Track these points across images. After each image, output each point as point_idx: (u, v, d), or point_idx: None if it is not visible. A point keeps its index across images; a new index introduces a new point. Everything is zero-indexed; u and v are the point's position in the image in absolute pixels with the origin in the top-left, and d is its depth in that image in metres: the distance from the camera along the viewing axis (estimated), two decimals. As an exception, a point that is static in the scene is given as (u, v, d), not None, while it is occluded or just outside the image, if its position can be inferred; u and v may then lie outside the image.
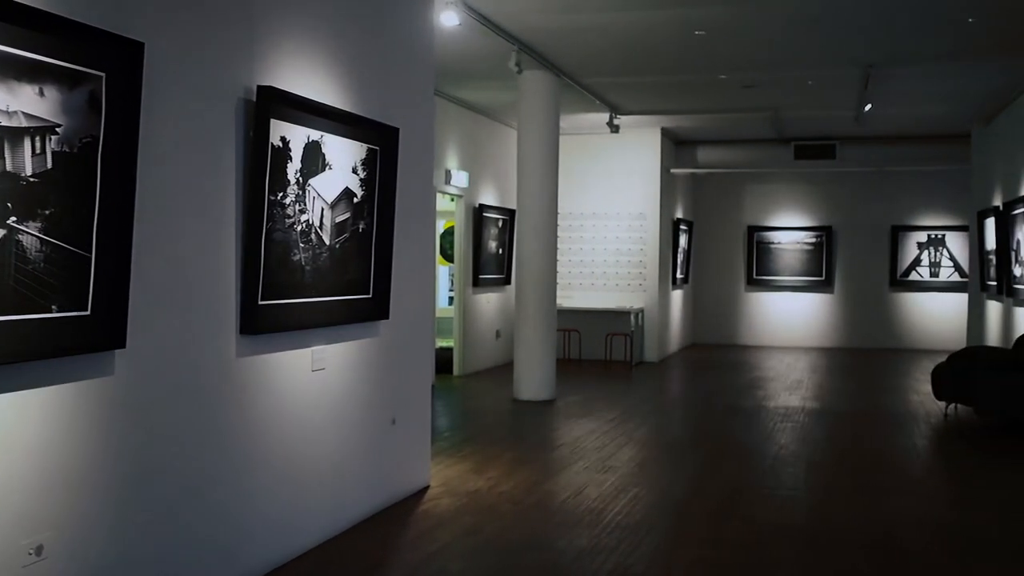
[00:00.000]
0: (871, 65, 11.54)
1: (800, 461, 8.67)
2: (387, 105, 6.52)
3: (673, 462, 8.82)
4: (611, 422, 10.50)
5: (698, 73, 12.31)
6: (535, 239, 11.96)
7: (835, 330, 19.67)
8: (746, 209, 20.04)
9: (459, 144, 14.12)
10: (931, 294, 19.28)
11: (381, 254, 6.39)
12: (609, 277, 16.97)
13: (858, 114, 13.98)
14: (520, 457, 8.66)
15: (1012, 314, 13.34)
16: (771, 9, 9.38)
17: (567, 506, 7.02)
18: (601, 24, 9.91)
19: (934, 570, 5.71)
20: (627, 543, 6.08)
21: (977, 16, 9.46)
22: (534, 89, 11.89)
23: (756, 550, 6.03)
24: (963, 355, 11.31)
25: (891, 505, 7.24)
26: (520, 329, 12.09)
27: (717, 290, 20.20)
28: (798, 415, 11.11)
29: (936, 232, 19.22)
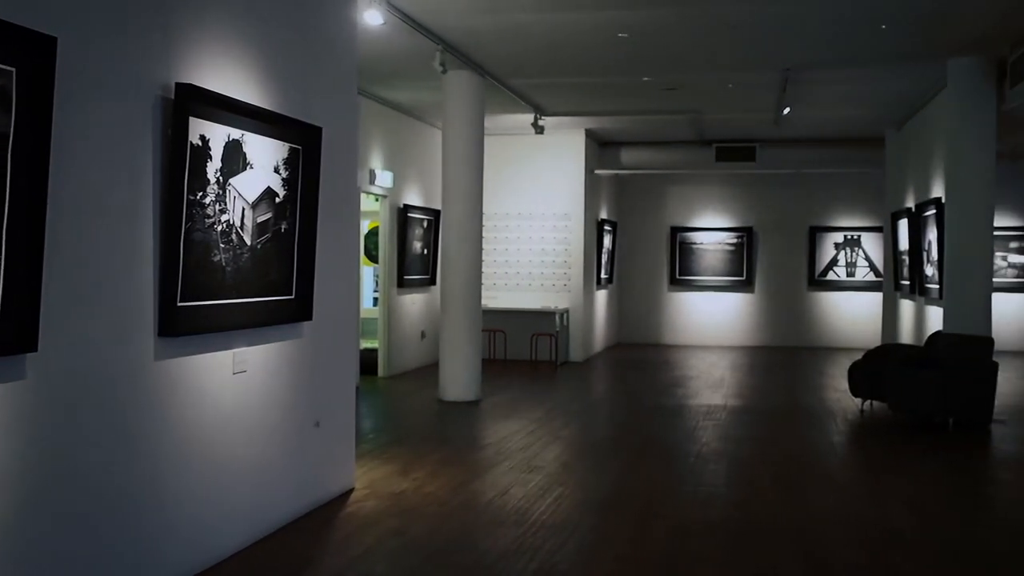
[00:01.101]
0: (789, 69, 11.76)
1: (722, 458, 8.79)
2: (310, 104, 6.45)
3: (598, 461, 8.87)
4: (536, 422, 10.54)
5: (621, 75, 12.42)
6: (460, 240, 11.94)
7: (756, 329, 20.01)
8: (669, 210, 20.28)
9: (384, 144, 14.04)
10: (848, 293, 19.73)
11: (304, 255, 6.32)
12: (534, 277, 17.03)
13: (777, 117, 14.24)
14: (445, 458, 8.64)
15: (924, 312, 13.70)
16: (692, 13, 9.50)
17: (492, 506, 7.02)
18: (525, 25, 9.94)
19: (851, 564, 5.83)
20: (552, 542, 6.10)
21: (890, 23, 9.70)
22: (459, 89, 11.88)
23: (679, 547, 6.10)
24: (877, 353, 11.59)
25: (810, 501, 7.38)
26: (445, 330, 12.06)
27: (641, 290, 20.40)
28: (720, 413, 11.27)
29: (852, 233, 19.67)
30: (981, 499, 7.77)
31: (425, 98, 13.58)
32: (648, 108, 14.88)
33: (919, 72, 11.94)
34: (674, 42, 10.66)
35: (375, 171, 13.56)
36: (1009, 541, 6.43)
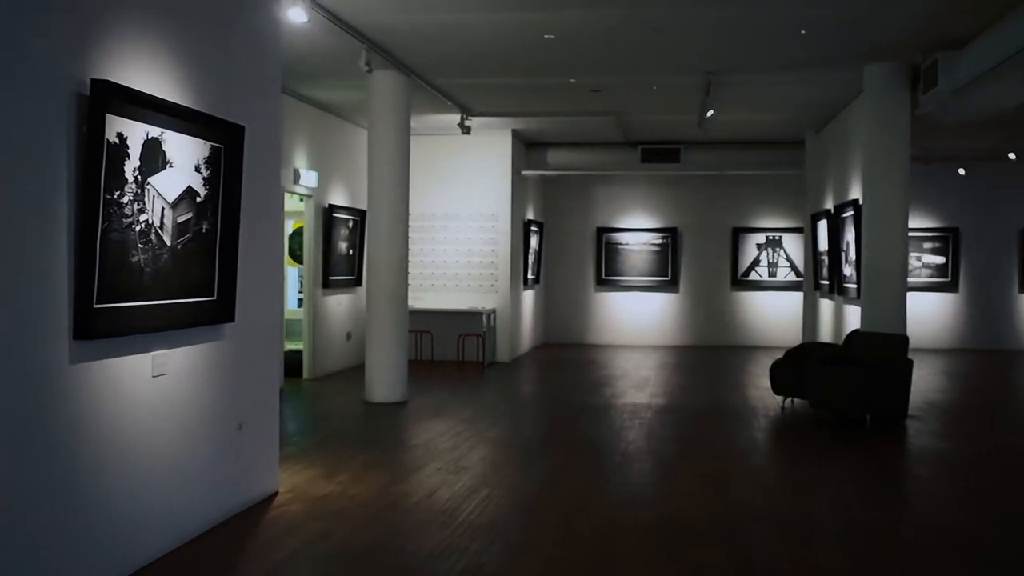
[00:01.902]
0: (712, 72, 11.93)
1: (648, 457, 8.88)
2: (232, 102, 6.36)
3: (525, 461, 8.89)
4: (464, 422, 10.52)
5: (548, 76, 12.47)
6: (386, 240, 11.88)
7: (681, 328, 20.24)
8: (595, 210, 20.42)
9: (309, 143, 13.90)
10: (769, 293, 20.07)
11: (226, 255, 6.22)
12: (461, 278, 17.01)
13: (701, 119, 14.41)
14: (372, 460, 8.58)
15: (842, 312, 13.99)
16: (617, 15, 9.58)
17: (419, 508, 6.99)
18: (451, 25, 9.92)
19: (775, 559, 5.93)
20: (479, 543, 6.09)
21: (809, 30, 9.89)
22: (385, 89, 11.81)
23: (606, 545, 6.13)
24: (798, 352, 11.80)
25: (734, 497, 7.48)
26: (371, 331, 11.98)
27: (567, 290, 20.51)
28: (645, 412, 11.37)
29: (774, 234, 20.02)
30: (899, 493, 7.96)
31: (351, 97, 13.49)
32: (574, 109, 14.96)
33: (837, 77, 12.19)
34: (599, 44, 10.73)
35: (300, 171, 13.42)
36: (926, 535, 6.59)
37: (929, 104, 10.88)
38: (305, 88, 13.14)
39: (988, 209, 19.39)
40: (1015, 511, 7.28)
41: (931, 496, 7.86)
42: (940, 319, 19.44)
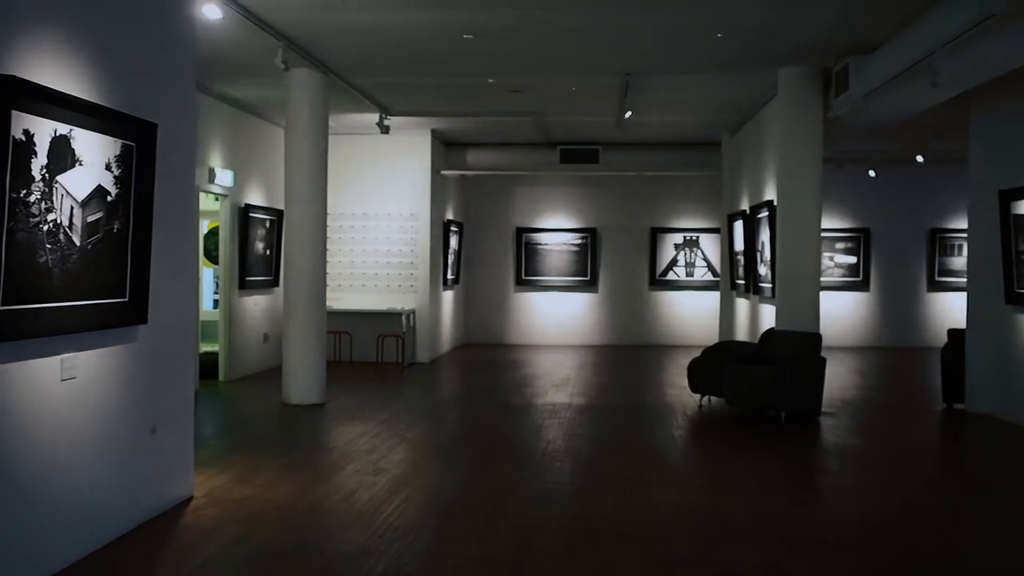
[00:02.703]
0: (629, 74, 12.04)
1: (567, 456, 8.92)
2: (144, 99, 6.22)
3: (444, 462, 8.87)
4: (383, 424, 10.46)
5: (467, 76, 12.46)
6: (304, 240, 11.76)
7: (600, 328, 20.41)
8: (515, 211, 20.48)
9: (224, 142, 13.68)
10: (687, 292, 20.34)
11: (138, 255, 6.09)
12: (380, 278, 16.91)
13: (619, 120, 14.55)
14: (289, 463, 8.48)
15: (758, 311, 14.25)
16: (535, 16, 9.61)
17: (338, 510, 6.93)
18: (369, 23, 9.85)
19: (690, 555, 6.01)
20: (398, 544, 6.06)
21: (725, 33, 10.05)
22: (302, 87, 11.69)
23: (525, 545, 6.15)
24: (715, 350, 11.97)
25: (652, 495, 7.56)
26: (289, 332, 11.85)
27: (487, 290, 20.53)
28: (565, 411, 11.43)
29: (691, 234, 20.30)
30: (811, 488, 8.13)
31: (268, 96, 13.32)
32: (494, 110, 14.97)
33: (752, 80, 12.41)
34: (518, 44, 10.76)
35: (215, 170, 13.21)
36: (836, 529, 6.75)
37: (841, 107, 11.13)
38: (221, 86, 12.93)
39: (898, 210, 19.93)
40: (922, 504, 7.49)
41: (842, 490, 8.04)
42: (852, 317, 19.92)
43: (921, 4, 8.81)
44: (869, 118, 10.92)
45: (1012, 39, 7.72)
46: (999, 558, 6.07)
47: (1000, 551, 6.22)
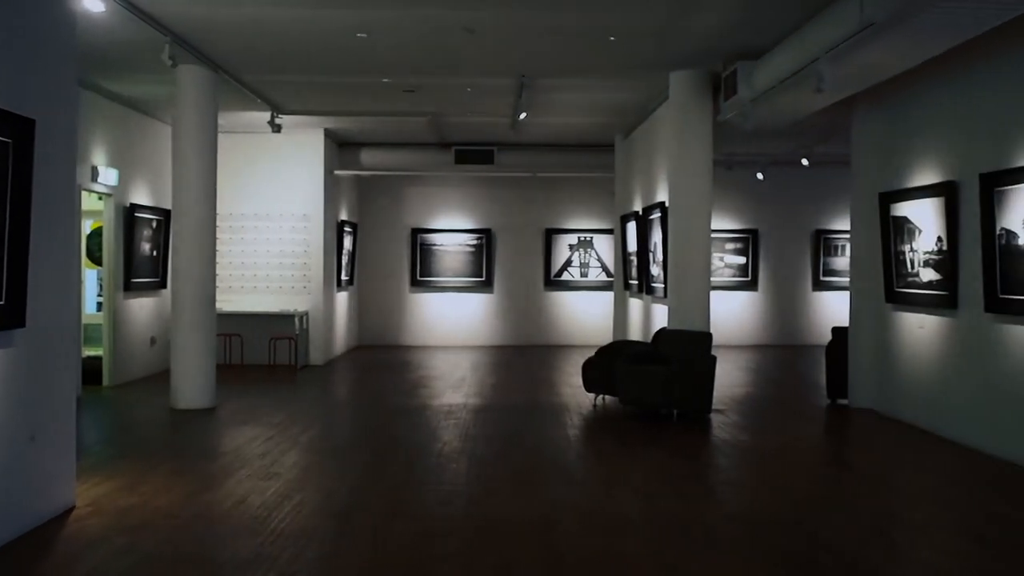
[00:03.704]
0: (524, 75, 12.09)
1: (463, 457, 8.90)
2: (20, 95, 5.99)
3: (339, 465, 8.76)
4: (275, 428, 10.29)
5: (361, 75, 12.34)
6: (193, 241, 11.49)
7: (496, 328, 20.45)
8: (409, 211, 20.39)
9: (108, 140, 13.28)
10: (581, 293, 20.53)
11: (15, 256, 5.85)
12: (272, 280, 16.64)
13: (514, 121, 14.60)
14: (178, 469, 8.27)
15: (651, 310, 14.46)
16: (429, 15, 9.56)
17: (229, 516, 6.78)
18: (260, 20, 9.67)
19: (586, 552, 6.05)
20: (291, 550, 5.96)
21: (617, 36, 10.16)
22: (190, 84, 11.43)
23: (421, 548, 6.11)
24: (609, 350, 12.11)
25: (548, 493, 7.60)
26: (177, 335, 11.57)
27: (382, 292, 20.39)
28: (461, 412, 11.41)
29: (585, 235, 20.49)
30: (702, 484, 8.27)
31: (155, 93, 12.98)
32: (388, 109, 14.88)
33: (645, 83, 12.59)
34: (413, 44, 10.70)
35: (98, 168, 12.81)
36: (725, 523, 6.87)
37: (730, 111, 11.37)
38: (106, 82, 12.55)
39: (785, 211, 20.48)
40: (807, 498, 7.69)
41: (731, 485, 8.20)
42: (741, 316, 20.38)
43: (806, 12, 9.06)
44: (757, 121, 11.17)
45: (890, 47, 7.98)
46: (879, 550, 6.27)
47: (880, 542, 6.42)
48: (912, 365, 10.75)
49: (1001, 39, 8.58)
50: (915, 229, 10.53)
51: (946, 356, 10.03)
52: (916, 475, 8.59)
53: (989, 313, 9.03)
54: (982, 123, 9.29)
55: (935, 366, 10.25)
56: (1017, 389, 8.65)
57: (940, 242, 9.98)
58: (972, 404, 9.43)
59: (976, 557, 6.11)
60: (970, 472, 8.51)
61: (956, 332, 9.80)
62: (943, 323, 10.06)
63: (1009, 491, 7.81)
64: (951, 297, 9.78)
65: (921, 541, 6.50)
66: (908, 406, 10.79)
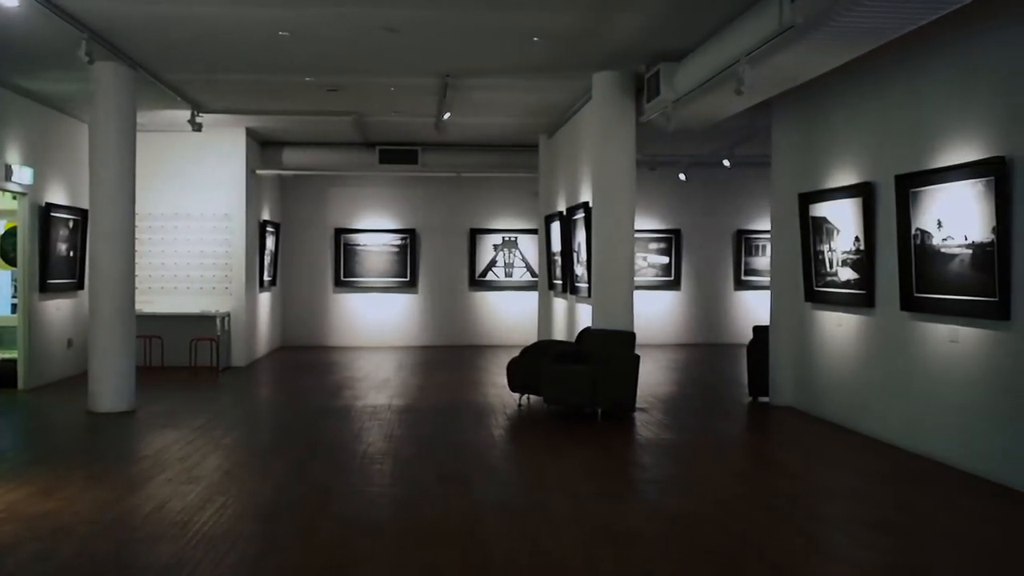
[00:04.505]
0: (448, 75, 12.08)
1: (387, 458, 8.87)
2: (-70, 89, 5.81)
3: (262, 467, 8.66)
4: (196, 430, 10.13)
5: (283, 74, 12.21)
6: (111, 241, 11.27)
7: (421, 329, 20.39)
8: (333, 211, 20.24)
9: (22, 138, 12.94)
10: (506, 293, 20.58)
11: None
12: (193, 280, 16.37)
13: (438, 121, 14.57)
14: (97, 473, 8.10)
15: (575, 310, 14.55)
16: (351, 13, 9.49)
17: (150, 521, 6.66)
18: (180, 16, 9.51)
19: (512, 552, 6.07)
20: (213, 554, 5.88)
21: (542, 36, 10.21)
22: (108, 82, 11.20)
23: (346, 550, 6.07)
24: (533, 349, 12.15)
25: (473, 494, 7.61)
26: (95, 337, 11.32)
27: (305, 292, 20.20)
28: (385, 413, 11.36)
29: (510, 235, 20.55)
30: (626, 482, 8.36)
31: (72, 90, 12.68)
32: (310, 108, 14.74)
33: (568, 83, 12.66)
34: (336, 43, 10.62)
35: (12, 167, 12.49)
36: (651, 521, 6.96)
37: (652, 112, 11.50)
38: (20, 79, 12.22)
39: (706, 212, 20.77)
40: (729, 495, 7.81)
41: (655, 483, 8.30)
42: (665, 316, 20.61)
43: (727, 15, 9.20)
44: (679, 122, 11.31)
45: (809, 50, 8.15)
46: (799, 545, 6.40)
47: (800, 537, 6.55)
48: (831, 363, 10.99)
49: (915, 44, 8.82)
50: (833, 229, 10.77)
51: (864, 354, 10.27)
52: (834, 471, 8.79)
53: (905, 312, 9.27)
54: (897, 125, 9.54)
55: (853, 364, 10.49)
56: (931, 386, 8.91)
57: (858, 242, 10.22)
58: (888, 401, 9.68)
59: (890, 548, 6.28)
60: (886, 467, 8.73)
61: (873, 330, 10.05)
62: (861, 321, 10.30)
63: (922, 484, 8.04)
64: (868, 296, 10.02)
65: (838, 535, 6.65)
66: (827, 403, 11.03)
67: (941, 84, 8.80)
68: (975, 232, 8.12)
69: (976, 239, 8.11)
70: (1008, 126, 7.83)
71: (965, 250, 8.27)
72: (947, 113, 8.68)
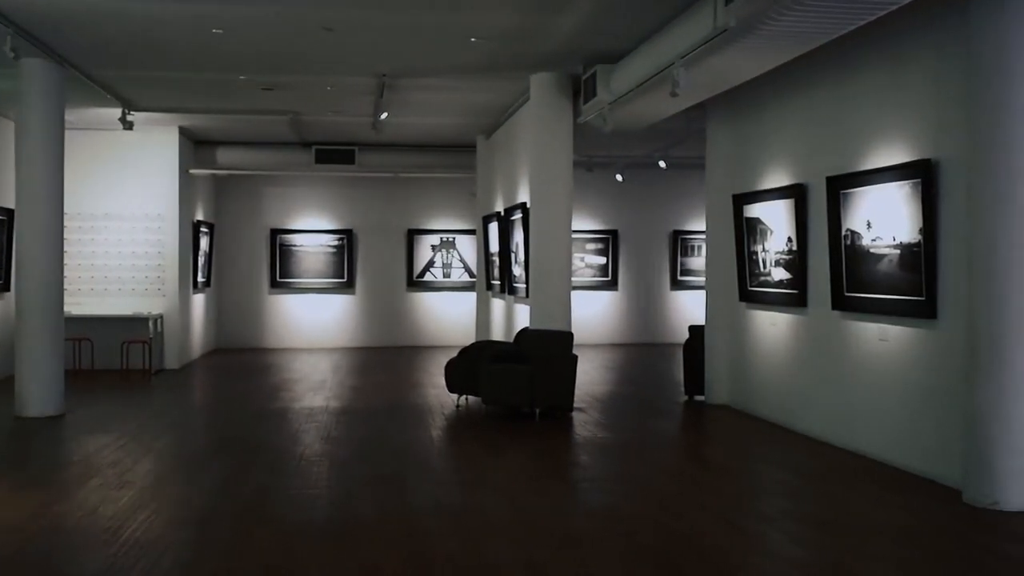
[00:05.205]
0: (385, 75, 12.02)
1: (324, 460, 8.79)
2: None
3: (196, 471, 8.54)
4: (128, 435, 9.95)
5: (217, 72, 12.04)
6: (38, 242, 11.03)
7: (358, 330, 20.27)
8: (268, 211, 20.03)
9: (-55, 135, 12.61)
10: (445, 293, 20.53)
11: None
12: (125, 282, 16.07)
13: (375, 121, 14.49)
14: (24, 480, 7.93)
15: (513, 310, 14.57)
16: (286, 12, 9.38)
17: (80, 528, 6.53)
18: (109, 12, 9.32)
19: (450, 553, 6.05)
20: (146, 561, 5.78)
21: (479, 36, 10.20)
22: (34, 78, 10.96)
23: (282, 553, 6.01)
24: (471, 350, 12.13)
25: (411, 495, 7.58)
26: (22, 339, 11.07)
27: (240, 293, 19.96)
28: (322, 415, 11.27)
29: (448, 235, 20.51)
30: (563, 481, 8.38)
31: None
32: (245, 107, 14.57)
33: (506, 84, 12.68)
34: (271, 41, 10.51)
35: (-65, 165, 12.16)
36: (589, 519, 7.00)
37: (589, 113, 11.55)
38: (-60, 74, 11.92)
39: (643, 212, 20.92)
40: (664, 493, 7.88)
41: (591, 482, 8.34)
42: (602, 316, 20.73)
43: (663, 17, 9.28)
44: (615, 124, 11.38)
45: (742, 53, 8.24)
46: (733, 542, 6.48)
47: (734, 534, 6.63)
48: (765, 362, 11.14)
49: (846, 47, 8.97)
50: (767, 230, 10.92)
51: (796, 353, 10.43)
52: (768, 468, 8.91)
53: (836, 311, 9.43)
54: (828, 128, 9.70)
55: (786, 362, 10.65)
56: (861, 383, 9.07)
57: (790, 242, 10.37)
58: (820, 398, 9.83)
59: (822, 544, 6.38)
60: (819, 464, 8.86)
61: (806, 329, 10.21)
62: (794, 320, 10.45)
63: (854, 480, 8.18)
64: (801, 295, 10.18)
65: (774, 532, 6.74)
66: (761, 401, 11.18)
67: (870, 87, 8.96)
68: (903, 233, 8.28)
69: (904, 240, 8.27)
70: (935, 129, 8.00)
71: (893, 250, 8.44)
72: (876, 116, 8.84)
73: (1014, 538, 6.44)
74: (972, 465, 7.20)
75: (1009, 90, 6.98)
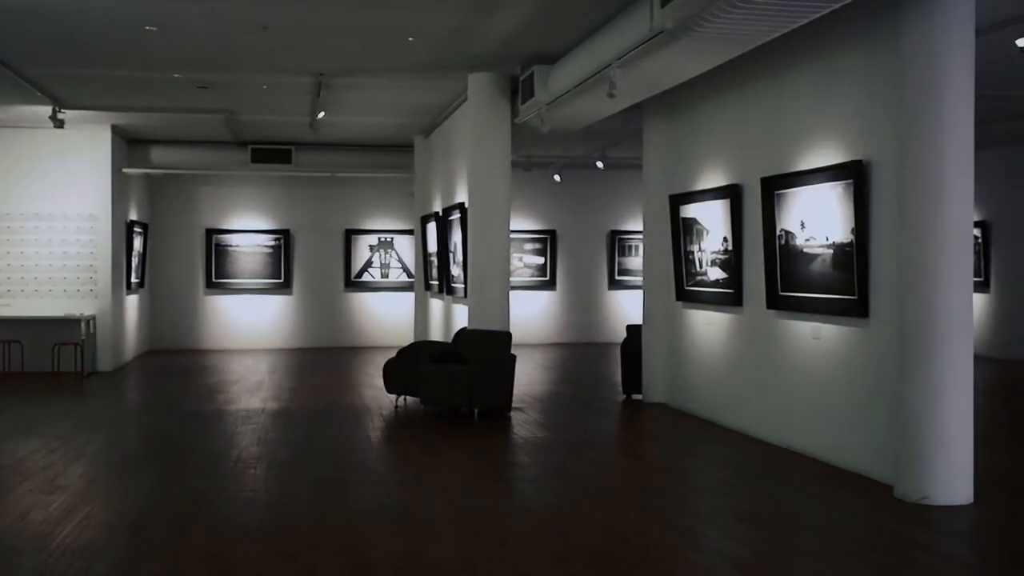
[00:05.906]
0: (322, 74, 11.94)
1: (261, 462, 8.71)
2: None
3: (130, 475, 8.41)
4: (59, 438, 9.76)
5: (150, 69, 11.85)
6: (-35, 241, 10.77)
7: (296, 331, 20.09)
8: (203, 211, 19.77)
9: None
10: (383, 294, 20.45)
11: None
12: (56, 283, 15.75)
13: (312, 121, 14.39)
14: (-50, 486, 7.74)
15: (451, 310, 14.56)
16: (221, 10, 9.26)
17: (9, 534, 6.39)
18: (39, 6, 9.12)
19: (390, 554, 6.04)
20: (78, 566, 5.68)
21: (416, 36, 10.18)
22: (-40, 74, 10.70)
23: (219, 558, 5.94)
24: (409, 350, 12.10)
25: (349, 496, 7.55)
26: (-52, 342, 10.81)
27: (175, 294, 19.67)
28: (259, 417, 11.16)
29: (386, 235, 20.42)
30: (502, 481, 8.41)
31: (-81, 82, 12.08)
32: (180, 106, 14.37)
33: (444, 84, 12.66)
34: (205, 38, 10.37)
35: None
36: (528, 519, 7.02)
37: (527, 113, 11.59)
38: None
39: (581, 212, 21.04)
40: (602, 491, 7.94)
41: (529, 482, 8.37)
42: (540, 316, 20.80)
43: (600, 19, 9.34)
44: (553, 124, 11.43)
45: (678, 55, 8.33)
46: (670, 539, 6.55)
47: (670, 531, 6.70)
48: (701, 361, 11.26)
49: (779, 50, 9.11)
50: (703, 230, 11.04)
51: (732, 351, 10.57)
52: (704, 465, 9.03)
53: (771, 310, 9.57)
54: (763, 129, 9.84)
55: (722, 361, 10.78)
56: (795, 381, 9.22)
57: (726, 242, 10.50)
58: (755, 396, 9.97)
59: (756, 539, 6.49)
60: (753, 460, 8.99)
61: (741, 328, 10.34)
62: (729, 319, 10.59)
63: (787, 476, 8.31)
64: (736, 295, 10.31)
65: (708, 528, 6.83)
66: (697, 399, 11.31)
67: (803, 89, 9.12)
68: (836, 233, 8.44)
69: (837, 239, 8.43)
70: (867, 131, 8.16)
71: (826, 250, 8.59)
72: (809, 118, 9.00)
73: (942, 532, 6.60)
74: (903, 460, 7.36)
75: (938, 92, 7.15)
